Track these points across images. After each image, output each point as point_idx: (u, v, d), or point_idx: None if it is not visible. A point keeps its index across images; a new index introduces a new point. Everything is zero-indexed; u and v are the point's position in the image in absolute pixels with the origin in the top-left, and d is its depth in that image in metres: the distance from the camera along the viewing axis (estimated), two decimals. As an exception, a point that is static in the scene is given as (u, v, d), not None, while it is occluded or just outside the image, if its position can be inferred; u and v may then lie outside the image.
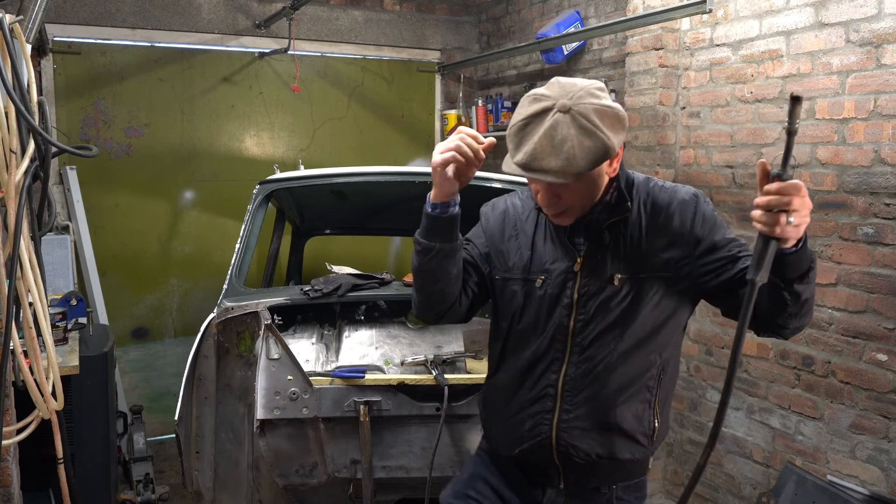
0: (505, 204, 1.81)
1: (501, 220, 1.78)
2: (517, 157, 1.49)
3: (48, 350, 2.07)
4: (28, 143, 1.91)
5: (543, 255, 1.68)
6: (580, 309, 1.63)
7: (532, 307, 1.68)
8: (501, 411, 1.77)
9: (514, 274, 1.71)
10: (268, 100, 4.98)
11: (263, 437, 2.36)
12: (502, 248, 1.74)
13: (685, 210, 1.61)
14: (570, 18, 4.24)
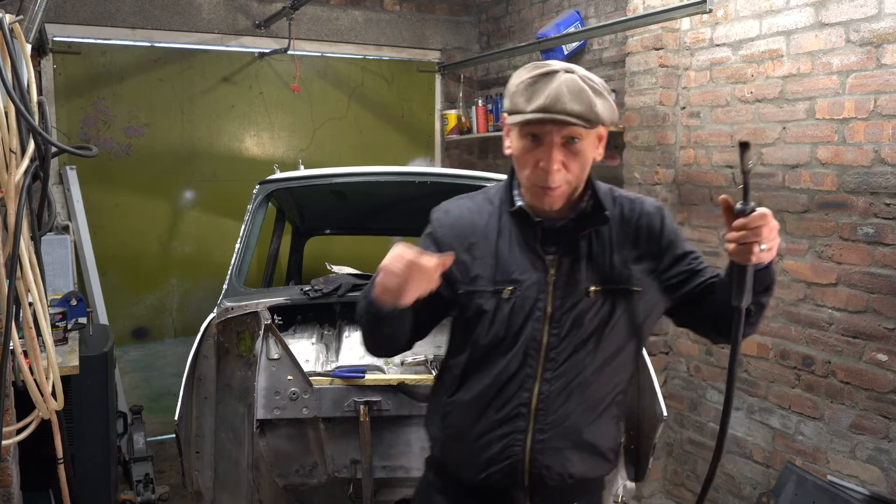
0: (459, 209, 1.64)
1: (458, 227, 1.60)
2: (537, 103, 1.40)
3: (48, 350, 2.07)
4: (28, 143, 1.91)
5: (510, 264, 1.55)
6: (554, 323, 1.53)
7: (500, 321, 1.54)
8: (466, 434, 1.61)
9: (480, 286, 1.55)
10: (268, 100, 4.98)
11: (263, 437, 2.36)
12: (463, 258, 1.57)
13: (652, 222, 1.60)
14: (570, 18, 4.24)
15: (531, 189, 1.51)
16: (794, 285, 3.09)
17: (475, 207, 1.63)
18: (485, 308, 1.55)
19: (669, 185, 3.63)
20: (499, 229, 1.57)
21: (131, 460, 3.76)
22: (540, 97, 1.41)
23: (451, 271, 1.53)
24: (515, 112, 1.44)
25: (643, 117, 3.65)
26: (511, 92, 1.46)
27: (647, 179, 3.66)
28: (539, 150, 1.45)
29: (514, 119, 1.45)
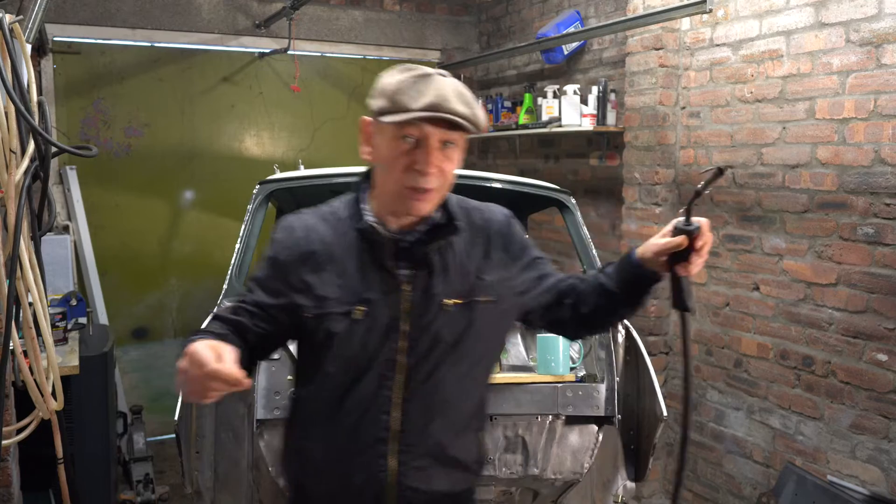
0: (303, 226, 1.51)
1: (301, 246, 1.48)
2: (424, 101, 1.33)
3: (48, 350, 2.07)
4: (28, 143, 1.91)
5: (360, 283, 1.45)
6: (412, 342, 1.45)
7: (353, 344, 1.45)
8: (321, 467, 1.52)
9: (330, 308, 1.44)
10: (268, 100, 4.98)
11: (263, 437, 2.36)
12: (308, 279, 1.45)
13: (503, 230, 1.58)
14: (570, 18, 4.24)
15: (401, 193, 1.41)
16: (794, 285, 3.10)
17: (320, 224, 1.51)
18: (335, 331, 1.44)
19: (669, 185, 3.63)
20: (347, 246, 1.47)
21: (131, 460, 3.76)
22: (427, 96, 1.34)
23: (293, 297, 1.46)
24: (399, 111, 1.35)
25: (643, 117, 3.65)
26: (390, 91, 1.37)
27: (646, 179, 3.66)
28: (415, 152, 1.38)
29: (399, 117, 1.34)
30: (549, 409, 2.45)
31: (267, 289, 1.49)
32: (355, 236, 1.47)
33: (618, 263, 1.54)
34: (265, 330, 1.48)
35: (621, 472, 2.66)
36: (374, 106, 1.41)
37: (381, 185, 1.47)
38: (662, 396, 2.49)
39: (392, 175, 1.41)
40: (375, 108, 1.40)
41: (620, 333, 2.60)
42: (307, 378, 1.55)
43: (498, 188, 2.91)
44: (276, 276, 1.49)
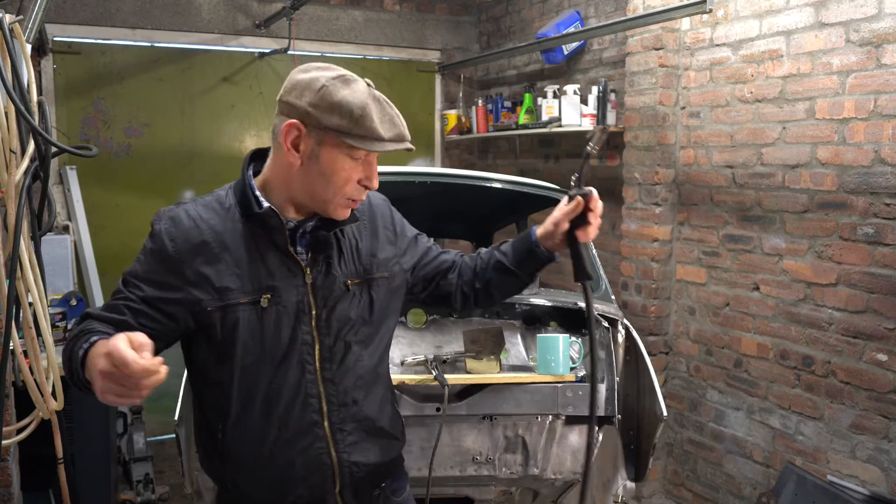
0: (189, 217, 1.47)
1: (194, 237, 1.45)
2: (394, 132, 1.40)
3: (48, 350, 2.07)
4: (28, 143, 1.91)
5: (260, 271, 1.46)
6: (322, 323, 1.50)
7: (266, 333, 1.46)
8: (256, 462, 1.50)
9: (234, 298, 1.43)
10: (268, 100, 4.97)
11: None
12: (204, 271, 1.43)
13: (384, 211, 1.67)
14: (570, 18, 4.24)
15: (341, 202, 1.45)
16: (794, 285, 3.09)
17: (205, 212, 1.48)
18: (243, 321, 1.44)
19: (669, 185, 3.63)
20: (239, 234, 1.46)
21: (131, 460, 3.76)
22: (393, 126, 1.40)
23: (189, 291, 1.43)
24: (372, 138, 1.37)
25: (643, 117, 3.65)
26: (355, 113, 1.36)
27: (646, 179, 3.66)
28: (359, 166, 1.43)
29: (376, 147, 1.38)
30: (549, 409, 2.45)
31: (154, 283, 1.44)
32: (248, 225, 1.46)
33: (515, 241, 1.66)
34: (151, 329, 1.40)
35: (621, 472, 2.66)
36: (325, 121, 1.37)
37: (302, 190, 1.46)
38: (662, 396, 2.49)
39: (334, 187, 1.43)
40: (329, 124, 1.37)
41: (620, 333, 2.60)
42: (215, 376, 1.51)
43: (498, 188, 2.91)
44: (164, 269, 1.44)
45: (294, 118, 1.40)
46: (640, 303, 3.74)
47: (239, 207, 1.48)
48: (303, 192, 1.46)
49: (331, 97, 1.37)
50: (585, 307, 1.51)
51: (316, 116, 1.38)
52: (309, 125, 1.39)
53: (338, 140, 1.38)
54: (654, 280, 3.67)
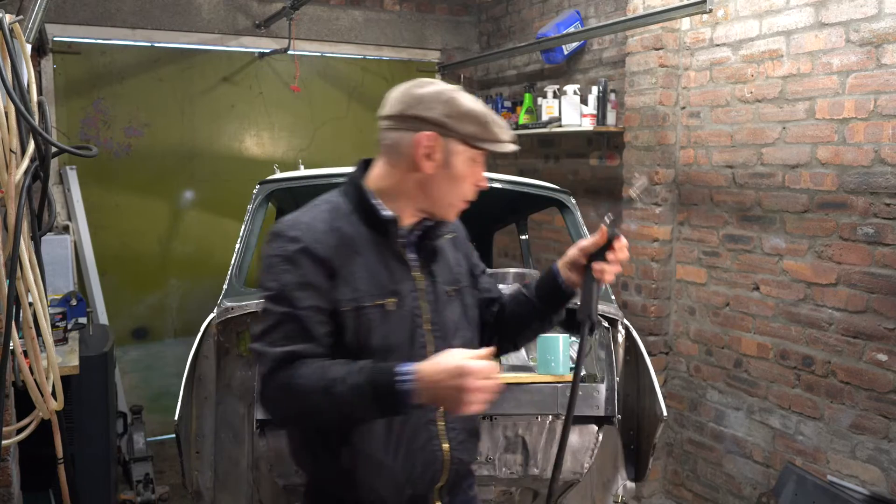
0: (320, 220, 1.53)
1: (333, 239, 1.51)
2: (508, 134, 1.54)
3: (48, 350, 2.07)
4: (28, 143, 1.91)
5: (384, 274, 1.53)
6: (435, 327, 1.58)
7: (391, 334, 1.52)
8: (381, 460, 1.55)
9: (366, 300, 1.50)
10: (268, 100, 4.97)
11: (263, 437, 2.36)
12: (345, 272, 1.49)
13: (460, 229, 1.77)
14: (570, 18, 4.24)
15: (459, 205, 1.58)
16: (794, 285, 3.10)
17: (332, 218, 1.54)
18: (374, 323, 1.50)
19: (669, 185, 3.63)
20: (363, 239, 1.53)
21: (131, 460, 3.76)
22: (505, 127, 1.54)
23: (333, 291, 1.47)
24: (495, 141, 1.51)
25: (643, 117, 3.65)
26: (481, 119, 1.50)
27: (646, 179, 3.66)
28: (477, 170, 1.56)
29: (500, 148, 1.52)
30: (549, 409, 2.45)
31: (313, 288, 1.46)
32: (366, 231, 1.54)
33: (539, 277, 1.73)
34: (329, 336, 1.48)
35: (621, 472, 2.66)
36: (459, 128, 1.48)
37: (428, 195, 1.55)
38: (662, 396, 2.49)
39: (460, 190, 1.56)
40: (465, 131, 1.49)
41: (620, 333, 2.60)
42: None
43: (498, 188, 2.91)
44: (315, 272, 1.47)
45: (426, 130, 1.48)
46: (640, 303, 3.74)
47: (359, 215, 1.55)
48: (428, 198, 1.56)
49: (461, 107, 1.49)
50: (579, 346, 1.59)
51: (451, 126, 1.49)
52: (445, 135, 1.49)
53: (469, 145, 1.51)
54: (654, 280, 3.67)
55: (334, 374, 1.39)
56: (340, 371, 1.40)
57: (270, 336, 1.45)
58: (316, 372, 1.40)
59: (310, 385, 1.39)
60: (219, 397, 2.48)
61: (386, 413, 1.43)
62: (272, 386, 1.42)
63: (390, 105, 1.53)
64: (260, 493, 2.48)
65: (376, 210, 1.54)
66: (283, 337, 1.44)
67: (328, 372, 1.40)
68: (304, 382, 1.40)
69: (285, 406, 1.45)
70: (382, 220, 1.54)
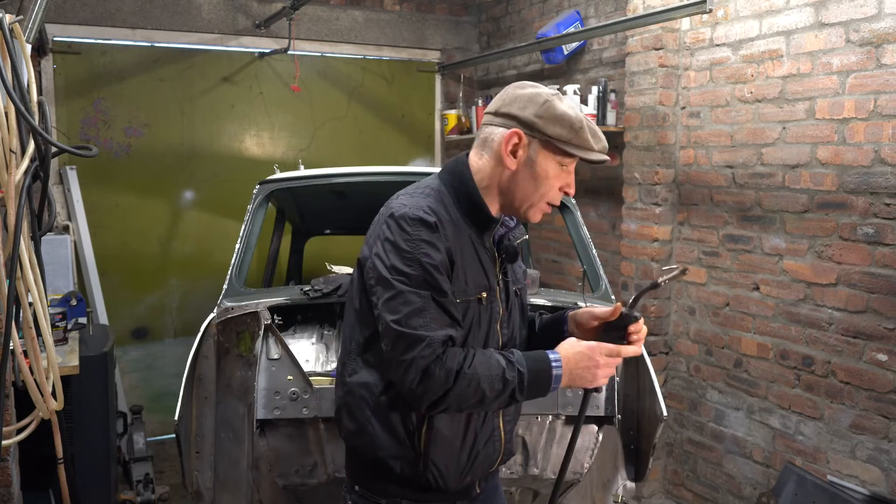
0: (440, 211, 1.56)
1: (453, 233, 1.55)
2: (601, 144, 1.57)
3: (48, 350, 2.07)
4: (28, 143, 1.91)
5: (479, 268, 1.61)
6: (504, 322, 1.67)
7: (480, 326, 1.61)
8: (455, 443, 1.63)
9: (471, 293, 1.58)
10: (268, 100, 4.98)
11: (263, 437, 2.36)
12: (458, 264, 1.55)
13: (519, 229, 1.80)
14: (570, 18, 4.24)
15: (541, 206, 1.61)
16: (794, 285, 3.10)
17: (444, 208, 1.58)
18: (470, 315, 1.57)
19: (669, 185, 3.63)
20: (465, 234, 1.59)
21: (131, 460, 3.76)
22: (600, 139, 1.57)
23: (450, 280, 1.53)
24: (586, 148, 1.54)
25: (643, 117, 3.65)
26: (575, 125, 1.53)
27: (646, 179, 3.66)
28: (564, 174, 1.59)
29: (591, 156, 1.55)
30: (549, 409, 2.45)
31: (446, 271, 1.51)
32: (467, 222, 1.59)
33: (551, 316, 1.82)
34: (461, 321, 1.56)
35: (621, 472, 2.66)
36: (548, 130, 1.53)
37: (510, 192, 1.60)
38: (662, 396, 2.49)
39: (542, 191, 1.59)
40: (553, 133, 1.53)
41: (620, 333, 2.60)
42: None
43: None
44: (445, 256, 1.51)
45: (516, 128, 1.54)
46: (640, 303, 3.74)
47: (462, 207, 1.59)
48: (511, 195, 1.60)
49: (554, 110, 1.53)
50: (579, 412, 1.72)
51: (540, 126, 1.53)
52: (531, 134, 1.54)
53: (556, 148, 1.54)
54: (654, 280, 3.67)
55: (497, 361, 1.50)
56: (501, 360, 1.51)
57: (420, 319, 1.47)
58: (481, 359, 1.49)
59: (481, 372, 1.48)
60: (219, 397, 2.48)
61: (534, 396, 1.56)
62: (440, 373, 1.45)
63: (493, 102, 1.60)
64: (260, 493, 2.48)
65: (485, 208, 1.59)
66: (432, 320, 1.48)
67: (491, 360, 1.50)
68: (474, 371, 1.47)
69: (453, 393, 1.47)
70: (488, 219, 1.60)
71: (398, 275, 1.48)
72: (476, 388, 1.47)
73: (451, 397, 1.47)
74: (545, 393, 1.55)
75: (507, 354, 1.53)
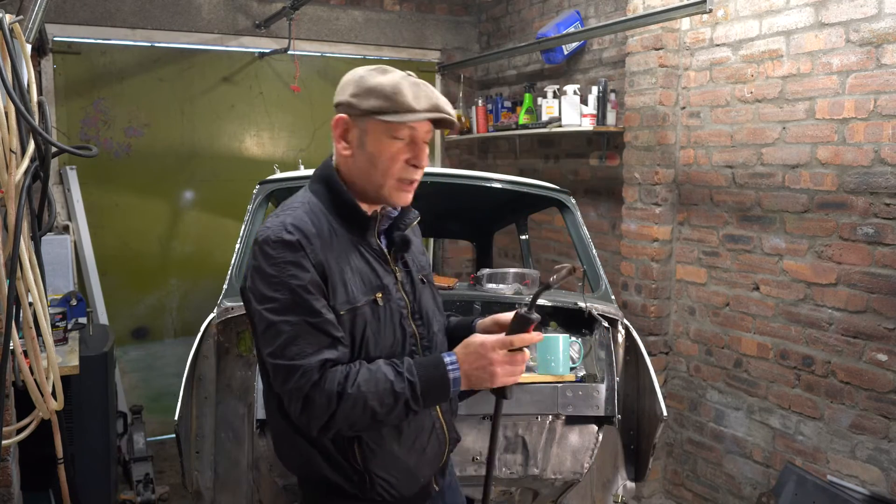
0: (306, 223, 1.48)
1: (322, 240, 1.48)
2: (428, 103, 1.46)
3: (48, 350, 2.08)
4: (28, 143, 1.91)
5: (368, 271, 1.54)
6: (416, 315, 1.61)
7: (385, 328, 1.53)
8: (396, 451, 1.56)
9: (361, 301, 1.50)
10: (268, 100, 4.98)
11: (263, 437, 2.36)
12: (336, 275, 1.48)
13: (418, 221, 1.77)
14: (570, 18, 4.24)
15: (391, 185, 1.51)
16: (794, 285, 3.10)
17: (316, 219, 1.50)
18: (368, 320, 1.50)
19: (669, 185, 3.63)
20: (343, 237, 1.52)
21: (131, 460, 3.76)
22: (427, 98, 1.46)
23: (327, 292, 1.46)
24: (404, 111, 1.44)
25: (643, 117, 3.65)
26: (387, 91, 1.44)
27: (646, 179, 3.66)
28: (405, 147, 1.49)
29: (409, 118, 1.44)
30: (549, 409, 2.45)
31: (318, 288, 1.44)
32: (344, 229, 1.53)
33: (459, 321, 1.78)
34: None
35: (621, 472, 2.66)
36: (363, 105, 1.46)
37: (360, 179, 1.53)
38: (662, 396, 2.49)
39: (382, 169, 1.50)
40: (367, 106, 1.46)
41: (620, 333, 2.60)
42: None
43: (498, 188, 2.91)
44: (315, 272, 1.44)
45: (341, 113, 1.50)
46: (640, 303, 3.74)
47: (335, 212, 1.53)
48: (361, 181, 1.53)
49: (367, 83, 1.47)
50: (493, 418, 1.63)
51: (356, 104, 1.47)
52: (352, 115, 1.49)
53: (377, 121, 1.46)
54: (654, 280, 3.67)
55: (384, 375, 1.43)
56: (389, 372, 1.43)
57: (294, 348, 1.41)
58: (365, 376, 1.42)
59: (366, 390, 1.40)
60: (219, 397, 2.48)
61: (435, 403, 1.52)
62: (319, 399, 1.39)
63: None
64: (260, 493, 2.48)
65: (357, 208, 1.53)
66: (308, 345, 1.41)
67: (377, 375, 1.43)
68: (358, 390, 1.40)
69: (339, 417, 1.41)
70: (363, 217, 1.54)
71: (267, 302, 1.43)
72: (364, 406, 1.40)
73: (339, 420, 1.41)
74: (446, 397, 1.48)
75: (396, 365, 1.45)
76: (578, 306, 2.61)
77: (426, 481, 1.64)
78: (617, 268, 3.92)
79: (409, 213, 1.64)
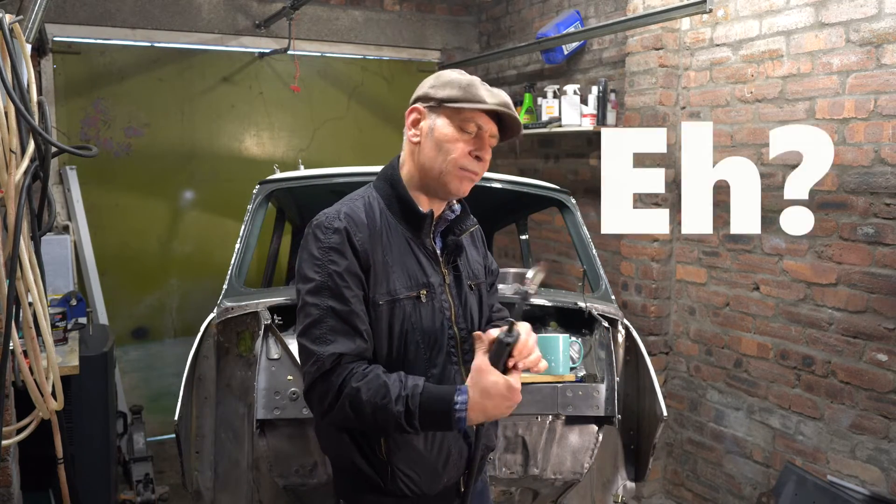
0: (357, 212, 1.57)
1: (370, 233, 1.55)
2: (498, 99, 1.55)
3: (48, 350, 2.08)
4: (28, 143, 1.91)
5: (418, 267, 1.59)
6: (459, 318, 1.64)
7: (424, 324, 1.58)
8: (419, 448, 1.59)
9: (402, 293, 1.56)
10: (268, 100, 4.98)
11: (263, 437, 2.36)
12: (380, 267, 1.54)
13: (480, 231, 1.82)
14: (570, 18, 4.24)
15: (455, 172, 1.56)
16: (794, 285, 3.09)
17: (368, 211, 1.58)
18: (408, 314, 1.56)
19: (669, 185, 3.63)
20: (395, 232, 1.59)
21: (131, 460, 3.76)
22: (498, 96, 1.56)
23: (368, 284, 1.52)
24: (476, 101, 1.54)
25: (643, 117, 3.65)
26: (463, 84, 1.55)
27: (647, 179, 3.66)
28: (471, 139, 1.56)
29: (481, 106, 1.53)
30: (549, 409, 2.45)
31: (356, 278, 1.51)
32: (398, 224, 1.59)
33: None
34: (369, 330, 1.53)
35: (621, 472, 2.66)
36: (439, 94, 1.56)
37: (422, 168, 1.59)
38: (662, 396, 2.49)
39: (449, 156, 1.56)
40: (442, 95, 1.56)
41: (620, 333, 2.60)
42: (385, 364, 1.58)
43: (498, 188, 2.91)
44: (357, 261, 1.51)
45: (416, 104, 1.61)
46: (640, 303, 3.74)
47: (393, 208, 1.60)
48: (423, 168, 1.59)
49: (445, 77, 1.59)
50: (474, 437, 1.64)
51: (433, 94, 1.58)
52: (427, 104, 1.59)
53: (450, 110, 1.55)
54: (654, 280, 3.67)
55: (388, 392, 1.43)
56: (395, 389, 1.44)
57: (316, 331, 1.48)
58: (371, 385, 1.44)
59: (366, 399, 1.44)
60: (219, 397, 2.48)
61: (435, 430, 1.55)
62: (321, 388, 1.47)
63: None
64: (260, 493, 2.48)
65: (413, 205, 1.59)
66: (329, 331, 1.48)
67: (382, 389, 1.44)
68: (358, 395, 1.44)
69: (336, 410, 1.47)
70: (418, 215, 1.59)
71: (305, 282, 1.51)
72: (359, 410, 1.44)
73: (336, 415, 1.47)
74: (450, 430, 1.54)
75: (404, 385, 1.45)
76: (578, 306, 2.61)
77: (451, 482, 1.66)
78: (617, 268, 3.92)
79: (466, 219, 1.70)
